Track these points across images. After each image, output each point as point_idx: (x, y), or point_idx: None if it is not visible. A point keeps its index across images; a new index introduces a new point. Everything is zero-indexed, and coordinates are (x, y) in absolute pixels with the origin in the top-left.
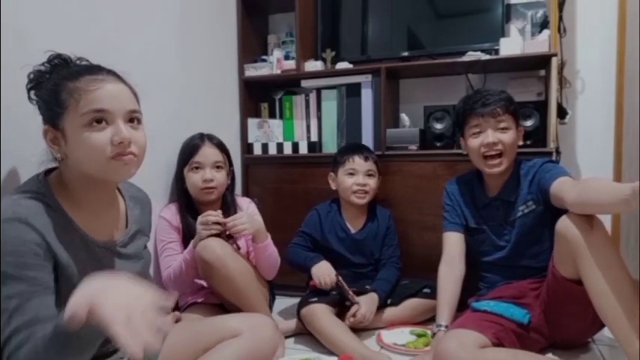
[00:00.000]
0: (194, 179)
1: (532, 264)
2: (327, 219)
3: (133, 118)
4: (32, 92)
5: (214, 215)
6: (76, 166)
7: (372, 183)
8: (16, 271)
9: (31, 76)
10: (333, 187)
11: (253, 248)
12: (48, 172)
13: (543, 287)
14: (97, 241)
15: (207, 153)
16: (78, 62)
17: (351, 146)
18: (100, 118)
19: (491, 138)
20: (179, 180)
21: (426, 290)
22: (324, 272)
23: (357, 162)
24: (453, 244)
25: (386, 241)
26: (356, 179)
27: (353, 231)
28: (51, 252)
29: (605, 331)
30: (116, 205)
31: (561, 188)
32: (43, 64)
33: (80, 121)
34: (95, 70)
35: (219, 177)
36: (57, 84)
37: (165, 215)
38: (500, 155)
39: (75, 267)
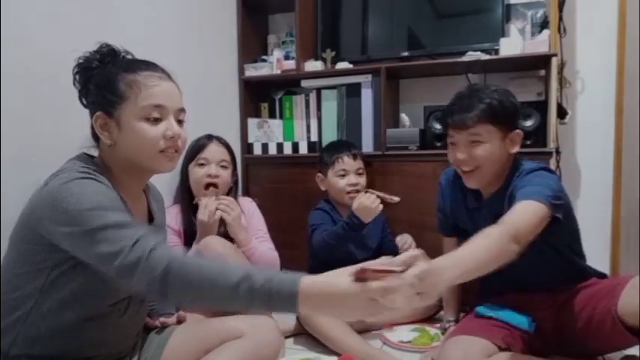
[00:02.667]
0: (198, 174)
1: (532, 277)
2: (330, 215)
3: (180, 116)
4: (78, 77)
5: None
6: (125, 153)
7: (363, 181)
8: (113, 206)
9: (80, 61)
10: (323, 189)
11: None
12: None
13: (576, 310)
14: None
15: (214, 150)
16: (124, 54)
17: (337, 145)
18: (156, 113)
19: (461, 154)
20: (183, 177)
21: None
22: (364, 198)
23: (347, 162)
24: (448, 247)
25: (384, 232)
26: (348, 180)
27: None
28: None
29: None
30: (144, 198)
31: (507, 217)
32: (91, 52)
33: (138, 113)
34: (152, 66)
35: (224, 175)
36: (114, 73)
37: None
38: (475, 170)
39: None
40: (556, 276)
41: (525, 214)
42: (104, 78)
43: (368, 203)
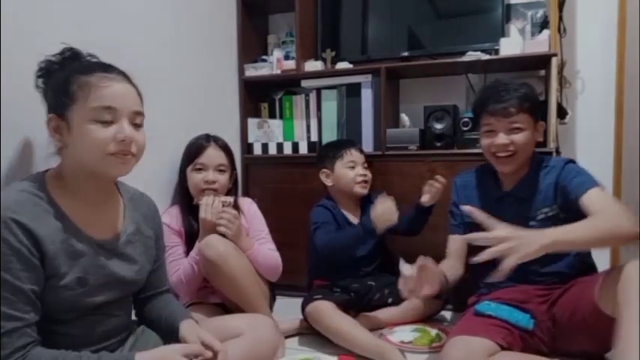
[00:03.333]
0: (196, 179)
1: (540, 269)
2: (332, 212)
3: (136, 120)
4: (40, 80)
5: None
6: (75, 156)
7: (369, 174)
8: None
9: (42, 64)
10: (329, 184)
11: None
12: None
13: (564, 304)
14: (91, 236)
15: (212, 155)
16: (89, 58)
17: (342, 141)
18: (106, 115)
19: (502, 140)
20: (182, 179)
21: None
22: (383, 202)
23: (355, 154)
24: (453, 244)
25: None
26: (357, 170)
27: (355, 222)
28: (37, 245)
29: None
30: (114, 204)
31: (599, 207)
32: (55, 54)
33: (87, 115)
34: (108, 68)
35: (222, 179)
36: (68, 76)
37: (164, 220)
38: (512, 155)
39: (63, 259)
40: (562, 268)
41: (613, 201)
42: (59, 80)
43: (389, 214)
